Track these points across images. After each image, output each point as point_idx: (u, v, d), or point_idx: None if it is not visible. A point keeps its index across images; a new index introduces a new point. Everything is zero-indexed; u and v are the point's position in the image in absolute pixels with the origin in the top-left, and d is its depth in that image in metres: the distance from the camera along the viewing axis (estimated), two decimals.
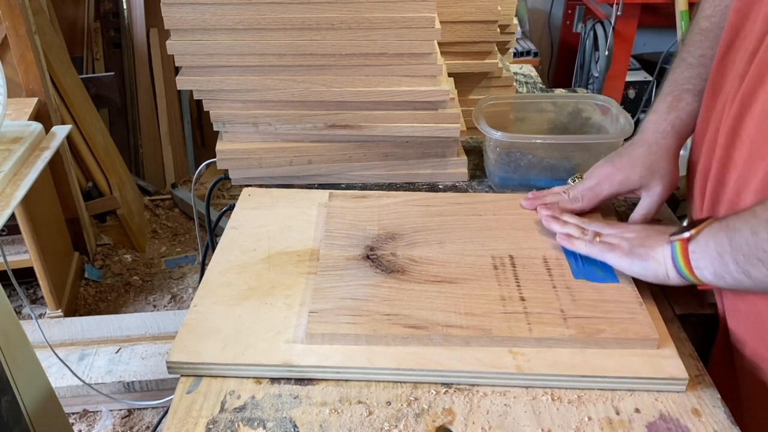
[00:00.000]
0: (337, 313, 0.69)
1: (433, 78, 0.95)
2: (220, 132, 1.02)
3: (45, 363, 1.21)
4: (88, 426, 1.68)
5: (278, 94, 0.96)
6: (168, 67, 2.68)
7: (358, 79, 0.95)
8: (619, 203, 0.95)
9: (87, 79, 2.33)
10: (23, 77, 1.86)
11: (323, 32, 0.91)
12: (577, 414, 0.62)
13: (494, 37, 1.11)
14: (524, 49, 2.79)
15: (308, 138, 1.00)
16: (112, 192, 2.30)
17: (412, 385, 0.65)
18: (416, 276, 0.75)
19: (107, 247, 2.37)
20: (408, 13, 0.90)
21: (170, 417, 0.62)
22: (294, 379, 0.66)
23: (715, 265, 0.63)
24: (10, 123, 1.48)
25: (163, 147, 2.76)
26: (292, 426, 0.60)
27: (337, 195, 0.92)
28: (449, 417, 0.61)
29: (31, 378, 1.04)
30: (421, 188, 1.02)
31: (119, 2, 2.62)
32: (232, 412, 0.62)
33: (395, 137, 0.99)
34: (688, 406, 0.62)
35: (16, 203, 1.22)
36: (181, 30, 0.91)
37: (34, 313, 1.53)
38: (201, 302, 0.74)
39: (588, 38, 2.60)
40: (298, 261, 0.81)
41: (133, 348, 1.75)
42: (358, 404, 0.63)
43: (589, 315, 0.69)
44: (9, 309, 1.02)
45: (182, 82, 0.95)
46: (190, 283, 2.27)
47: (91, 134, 2.23)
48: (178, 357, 0.66)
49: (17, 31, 1.79)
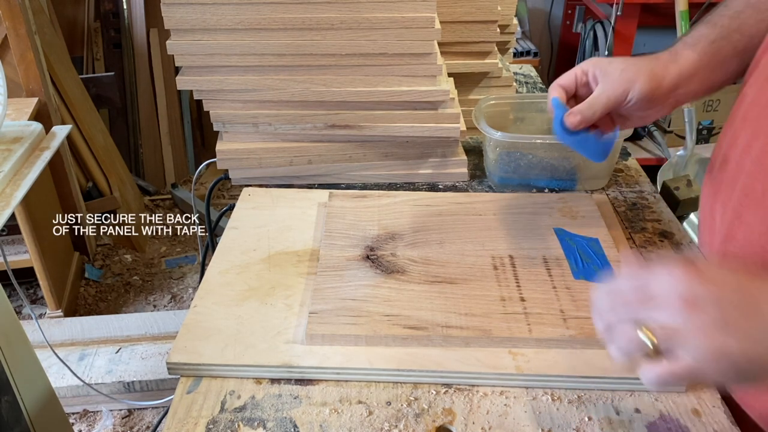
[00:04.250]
0: (337, 314, 0.69)
1: (433, 78, 0.95)
2: (220, 132, 1.02)
3: (45, 363, 1.21)
4: (88, 426, 1.68)
5: (278, 94, 0.96)
6: (168, 67, 2.68)
7: (358, 79, 0.95)
8: (618, 203, 0.95)
9: (87, 79, 2.33)
10: (23, 77, 1.86)
11: (323, 32, 0.91)
12: (577, 414, 0.62)
13: (494, 37, 1.11)
14: (524, 49, 2.79)
15: (308, 138, 1.00)
16: (112, 192, 2.30)
17: (412, 385, 0.65)
18: (416, 276, 0.75)
19: (107, 247, 2.37)
20: (408, 13, 0.90)
21: (170, 417, 0.62)
22: (294, 379, 0.66)
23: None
24: (10, 123, 1.48)
25: (163, 147, 2.76)
26: (292, 426, 0.60)
27: (337, 195, 0.92)
28: (449, 417, 0.61)
29: (31, 378, 1.04)
30: (421, 188, 1.02)
31: (119, 2, 2.62)
32: (232, 412, 0.62)
33: (395, 137, 0.99)
34: (688, 406, 0.62)
35: (16, 203, 1.22)
36: (181, 30, 0.91)
37: (34, 313, 1.53)
38: (201, 302, 0.74)
39: (588, 38, 2.60)
40: (298, 261, 0.81)
41: (133, 348, 1.75)
42: (358, 404, 0.63)
43: (589, 315, 0.69)
44: (9, 309, 1.02)
45: (182, 82, 0.95)
46: (190, 283, 2.27)
47: (91, 134, 2.23)
48: (178, 358, 0.66)
49: (17, 31, 1.79)
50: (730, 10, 0.71)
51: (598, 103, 0.68)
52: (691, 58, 0.69)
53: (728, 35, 0.69)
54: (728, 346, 0.42)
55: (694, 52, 0.69)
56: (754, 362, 0.43)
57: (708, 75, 0.69)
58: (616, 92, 0.68)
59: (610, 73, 0.69)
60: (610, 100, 0.68)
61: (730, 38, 0.69)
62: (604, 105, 0.68)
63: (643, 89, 0.67)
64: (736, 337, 0.43)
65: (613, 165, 1.01)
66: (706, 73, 0.69)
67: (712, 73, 0.70)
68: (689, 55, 0.69)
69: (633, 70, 0.68)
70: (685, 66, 0.69)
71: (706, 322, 0.43)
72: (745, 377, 0.45)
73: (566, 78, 0.72)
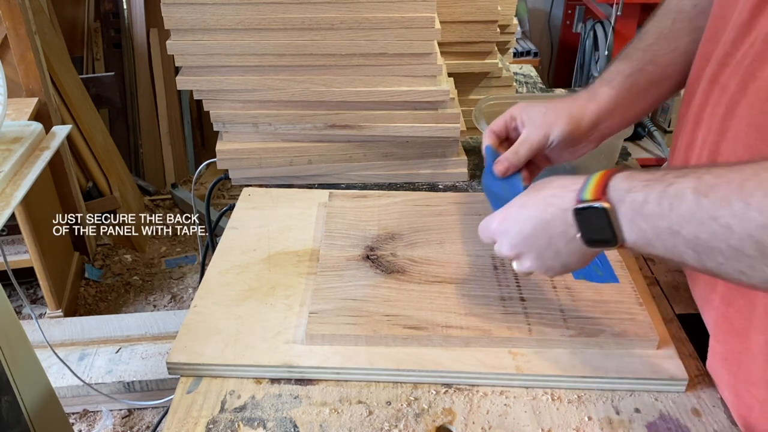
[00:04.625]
0: (337, 314, 0.69)
1: (433, 78, 0.95)
2: (220, 132, 1.02)
3: (45, 363, 1.21)
4: (88, 426, 1.68)
5: (278, 94, 0.96)
6: (168, 67, 2.68)
7: (358, 79, 0.95)
8: None
9: (87, 79, 2.33)
10: (23, 77, 1.86)
11: (323, 32, 0.91)
12: (577, 414, 0.62)
13: (494, 37, 1.11)
14: (524, 49, 2.79)
15: (308, 138, 1.00)
16: (112, 192, 2.30)
17: (412, 385, 0.65)
18: (416, 276, 0.75)
19: (107, 247, 2.37)
20: (408, 13, 0.90)
21: (170, 417, 0.62)
22: (294, 379, 0.66)
23: (667, 257, 0.51)
24: (10, 123, 1.48)
25: (163, 147, 2.76)
26: (292, 426, 0.60)
27: (337, 195, 0.92)
28: (449, 417, 0.61)
29: (31, 378, 1.04)
30: (421, 188, 1.02)
31: (119, 2, 2.62)
32: (232, 412, 0.62)
33: (395, 137, 0.99)
34: (688, 406, 0.62)
35: (16, 203, 1.22)
36: (181, 30, 0.91)
37: (34, 313, 1.53)
38: (201, 302, 0.74)
39: (588, 38, 2.60)
40: (298, 261, 0.81)
41: (133, 348, 1.75)
42: (358, 404, 0.63)
43: (588, 315, 0.69)
44: (9, 309, 1.02)
45: (182, 82, 0.95)
46: (190, 283, 2.27)
47: (91, 134, 2.23)
48: (178, 358, 0.66)
49: (17, 31, 1.79)
50: (643, 42, 0.74)
51: (522, 149, 0.72)
52: (609, 94, 0.72)
53: (643, 68, 0.72)
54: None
55: (610, 89, 0.72)
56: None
57: (627, 108, 0.73)
58: (538, 137, 0.71)
59: (532, 118, 0.73)
60: (533, 145, 0.71)
61: (645, 70, 0.72)
62: (527, 150, 0.72)
63: (562, 132, 0.70)
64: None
65: (613, 165, 1.01)
66: (624, 107, 0.72)
67: (630, 106, 0.73)
68: (606, 92, 0.72)
69: (553, 115, 0.71)
70: (602, 103, 0.72)
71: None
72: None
73: (497, 124, 0.76)
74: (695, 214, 0.46)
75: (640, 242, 0.51)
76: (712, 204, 0.46)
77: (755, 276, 0.45)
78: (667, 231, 0.49)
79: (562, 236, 0.57)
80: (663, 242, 0.50)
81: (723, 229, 0.45)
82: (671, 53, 0.72)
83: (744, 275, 0.46)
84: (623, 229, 0.52)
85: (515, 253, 0.62)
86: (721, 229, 0.45)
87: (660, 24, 0.74)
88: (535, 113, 0.73)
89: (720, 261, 0.46)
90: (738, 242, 0.44)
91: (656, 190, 0.49)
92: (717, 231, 0.45)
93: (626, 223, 0.51)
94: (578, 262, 0.59)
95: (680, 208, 0.47)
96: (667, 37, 0.73)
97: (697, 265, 0.49)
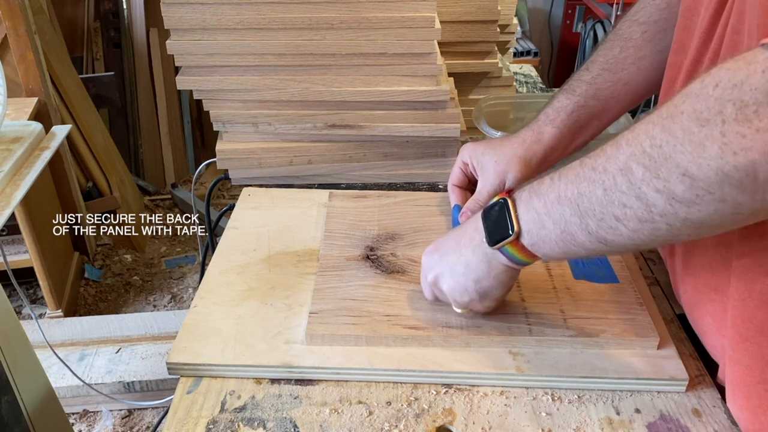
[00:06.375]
0: (337, 314, 0.69)
1: (433, 78, 0.95)
2: (220, 132, 1.02)
3: (45, 363, 1.21)
4: (88, 426, 1.68)
5: (278, 94, 0.96)
6: (168, 67, 2.68)
7: (358, 79, 0.95)
8: None
9: (87, 79, 2.33)
10: (23, 77, 1.86)
11: (323, 32, 0.91)
12: (577, 414, 0.62)
13: (494, 37, 1.11)
14: (524, 49, 2.79)
15: (308, 138, 1.00)
16: (112, 192, 2.30)
17: (413, 385, 0.65)
18: (416, 276, 0.75)
19: (107, 247, 2.37)
20: (408, 13, 0.90)
21: (170, 417, 0.62)
22: (294, 379, 0.66)
23: (561, 246, 0.55)
24: (10, 123, 1.48)
25: (163, 147, 2.76)
26: (293, 426, 0.60)
27: (337, 195, 0.92)
28: (449, 417, 0.61)
29: (31, 378, 1.04)
30: (421, 188, 1.02)
31: (119, 2, 2.62)
32: (232, 412, 0.62)
33: (395, 137, 0.99)
34: (688, 406, 0.62)
35: (16, 203, 1.22)
36: (181, 30, 0.91)
37: (34, 313, 1.52)
38: (201, 302, 0.74)
39: (588, 38, 2.60)
40: (298, 261, 0.81)
41: (133, 348, 1.75)
42: (359, 404, 0.63)
43: (589, 315, 0.69)
44: (9, 309, 1.02)
45: (182, 82, 0.95)
46: (190, 283, 2.27)
47: (91, 134, 2.23)
48: (178, 358, 0.66)
49: (17, 31, 1.79)
50: (589, 74, 0.79)
51: (482, 198, 0.78)
52: (552, 133, 0.78)
53: (585, 103, 0.78)
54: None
55: (554, 128, 0.78)
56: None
57: (571, 141, 0.80)
58: (494, 185, 0.78)
59: (485, 167, 0.79)
60: (491, 193, 0.78)
61: (587, 106, 0.78)
62: (486, 200, 0.78)
63: (516, 176, 0.77)
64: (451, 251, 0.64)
65: None
66: (568, 141, 0.80)
67: (574, 139, 0.80)
68: (550, 131, 0.78)
69: (504, 161, 0.78)
70: (548, 142, 0.78)
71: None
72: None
73: (455, 176, 0.83)
74: (578, 174, 0.51)
75: (533, 225, 0.55)
76: (591, 159, 0.51)
77: (630, 224, 0.48)
78: (555, 201, 0.53)
79: (470, 243, 0.63)
80: (552, 217, 0.54)
81: (600, 175, 0.49)
82: (614, 85, 0.77)
83: (620, 224, 0.49)
84: (520, 216, 0.56)
85: (434, 275, 0.66)
86: (597, 175, 0.49)
87: (607, 54, 0.78)
88: (486, 162, 0.79)
89: (598, 215, 0.50)
90: (612, 181, 0.48)
91: (553, 173, 0.55)
92: (594, 178, 0.50)
93: (522, 206, 0.57)
94: (489, 280, 0.63)
95: (567, 175, 0.53)
96: (612, 68, 0.77)
97: (581, 235, 0.52)
